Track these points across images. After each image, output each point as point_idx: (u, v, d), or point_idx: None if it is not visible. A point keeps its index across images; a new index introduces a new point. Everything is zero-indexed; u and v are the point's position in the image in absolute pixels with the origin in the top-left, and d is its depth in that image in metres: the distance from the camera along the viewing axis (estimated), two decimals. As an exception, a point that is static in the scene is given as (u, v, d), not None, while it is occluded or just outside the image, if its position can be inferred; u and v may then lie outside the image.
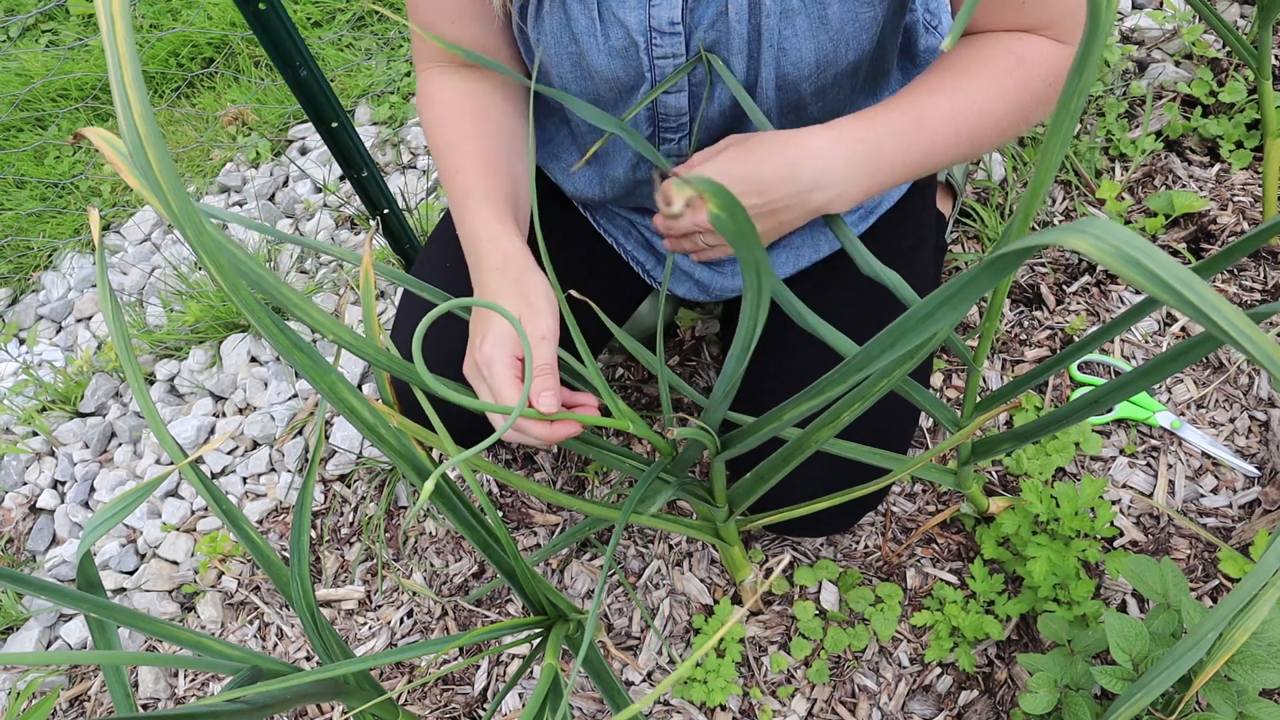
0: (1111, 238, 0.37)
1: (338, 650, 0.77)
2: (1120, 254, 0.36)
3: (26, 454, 1.64)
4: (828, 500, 0.90)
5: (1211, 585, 1.10)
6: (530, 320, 0.77)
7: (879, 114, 0.79)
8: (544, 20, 0.83)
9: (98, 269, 0.67)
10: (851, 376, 0.60)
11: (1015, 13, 0.78)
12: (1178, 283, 0.35)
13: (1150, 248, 0.36)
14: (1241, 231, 1.33)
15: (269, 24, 1.14)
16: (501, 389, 0.75)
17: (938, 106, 0.78)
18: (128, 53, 0.43)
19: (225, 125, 2.08)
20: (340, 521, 1.41)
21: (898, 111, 0.79)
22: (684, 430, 0.76)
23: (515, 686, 1.19)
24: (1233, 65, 1.49)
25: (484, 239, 0.82)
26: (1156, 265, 0.36)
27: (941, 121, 0.78)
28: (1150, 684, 0.56)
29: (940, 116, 0.78)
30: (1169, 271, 0.35)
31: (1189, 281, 0.35)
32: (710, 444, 0.79)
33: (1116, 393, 0.69)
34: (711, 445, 0.79)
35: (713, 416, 0.77)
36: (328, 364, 0.62)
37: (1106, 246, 0.37)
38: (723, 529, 1.00)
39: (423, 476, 0.74)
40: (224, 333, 1.66)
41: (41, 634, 1.41)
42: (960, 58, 0.80)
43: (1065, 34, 0.78)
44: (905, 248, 1.07)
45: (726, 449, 0.80)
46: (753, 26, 0.80)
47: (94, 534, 0.64)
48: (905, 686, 1.11)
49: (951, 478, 0.99)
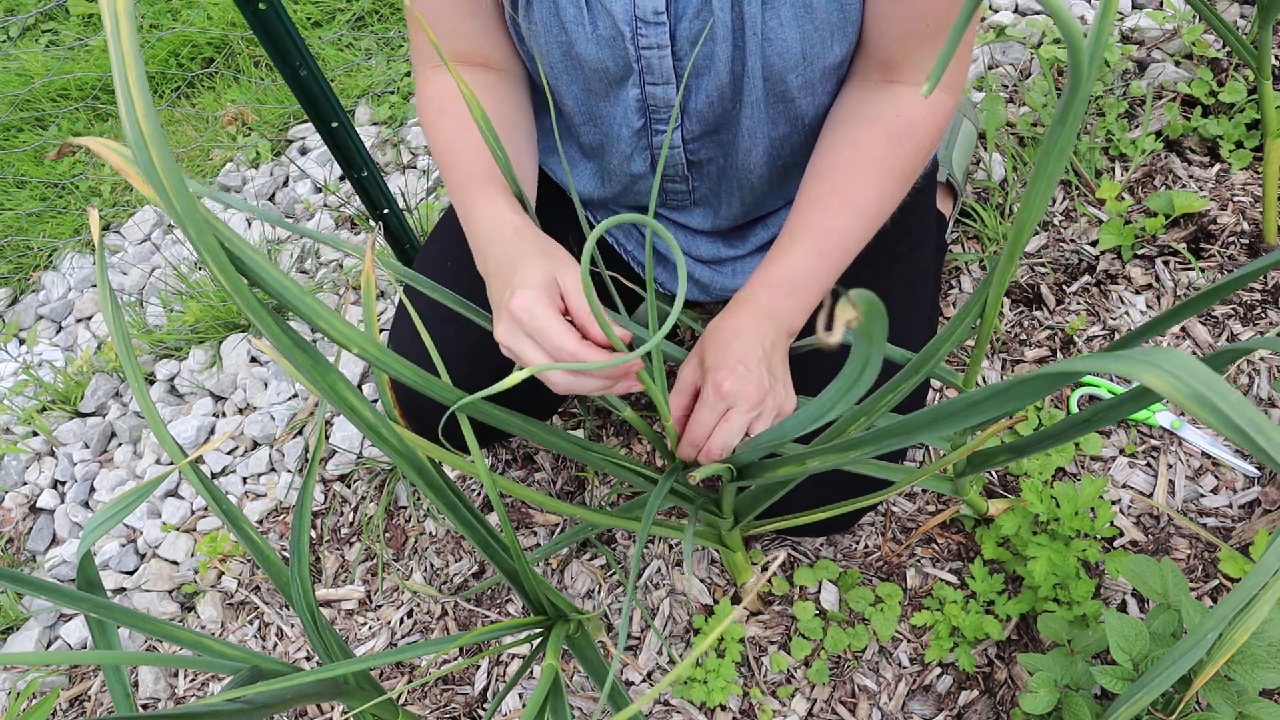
0: (1189, 377, 0.35)
1: (338, 650, 0.77)
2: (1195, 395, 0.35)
3: (26, 454, 1.64)
4: (828, 510, 0.91)
5: (1211, 585, 1.10)
6: (563, 272, 0.73)
7: (789, 249, 0.85)
8: (534, 9, 0.84)
9: (98, 269, 0.67)
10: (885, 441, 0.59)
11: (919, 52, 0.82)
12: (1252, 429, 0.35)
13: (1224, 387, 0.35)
14: (1241, 231, 1.33)
15: (269, 24, 1.14)
16: (555, 334, 0.70)
17: (836, 218, 0.85)
18: (132, 52, 0.43)
19: (225, 125, 2.08)
20: (340, 521, 1.41)
21: (802, 242, 0.85)
22: (704, 470, 0.76)
23: (515, 686, 1.19)
24: (1233, 65, 1.49)
25: (488, 218, 0.81)
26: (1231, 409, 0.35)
27: (844, 230, 0.85)
28: (1150, 684, 0.56)
29: (841, 225, 0.85)
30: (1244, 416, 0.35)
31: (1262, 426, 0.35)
32: (726, 474, 0.79)
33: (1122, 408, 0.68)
34: (726, 475, 0.80)
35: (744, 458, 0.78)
36: (329, 363, 0.62)
37: (1183, 387, 0.35)
38: (727, 536, 1.00)
39: (424, 476, 0.74)
40: (224, 333, 1.66)
41: (41, 634, 1.41)
42: (845, 155, 0.86)
43: (943, 84, 0.85)
44: (905, 248, 1.07)
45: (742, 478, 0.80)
46: (736, 15, 0.80)
47: (94, 534, 0.64)
48: (905, 686, 1.11)
49: (949, 485, 0.99)
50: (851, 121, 0.87)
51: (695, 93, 0.88)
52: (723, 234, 1.09)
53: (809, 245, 0.84)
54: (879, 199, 0.86)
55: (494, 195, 0.83)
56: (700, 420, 0.78)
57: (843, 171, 0.86)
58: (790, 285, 0.84)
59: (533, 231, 0.79)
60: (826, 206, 0.85)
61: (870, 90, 0.86)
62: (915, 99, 0.84)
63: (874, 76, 0.86)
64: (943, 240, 1.34)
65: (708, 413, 0.77)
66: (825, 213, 0.85)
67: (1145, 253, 1.36)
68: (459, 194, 0.86)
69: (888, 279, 1.04)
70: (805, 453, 0.69)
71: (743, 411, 0.76)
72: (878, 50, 0.84)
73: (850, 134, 0.86)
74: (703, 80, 0.86)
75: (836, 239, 0.85)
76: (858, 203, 0.85)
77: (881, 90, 0.85)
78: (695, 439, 0.78)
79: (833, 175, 0.86)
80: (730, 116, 0.90)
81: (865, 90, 0.87)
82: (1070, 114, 0.47)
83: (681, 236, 1.08)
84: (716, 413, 0.77)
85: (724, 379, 0.76)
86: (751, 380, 0.76)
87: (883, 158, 0.85)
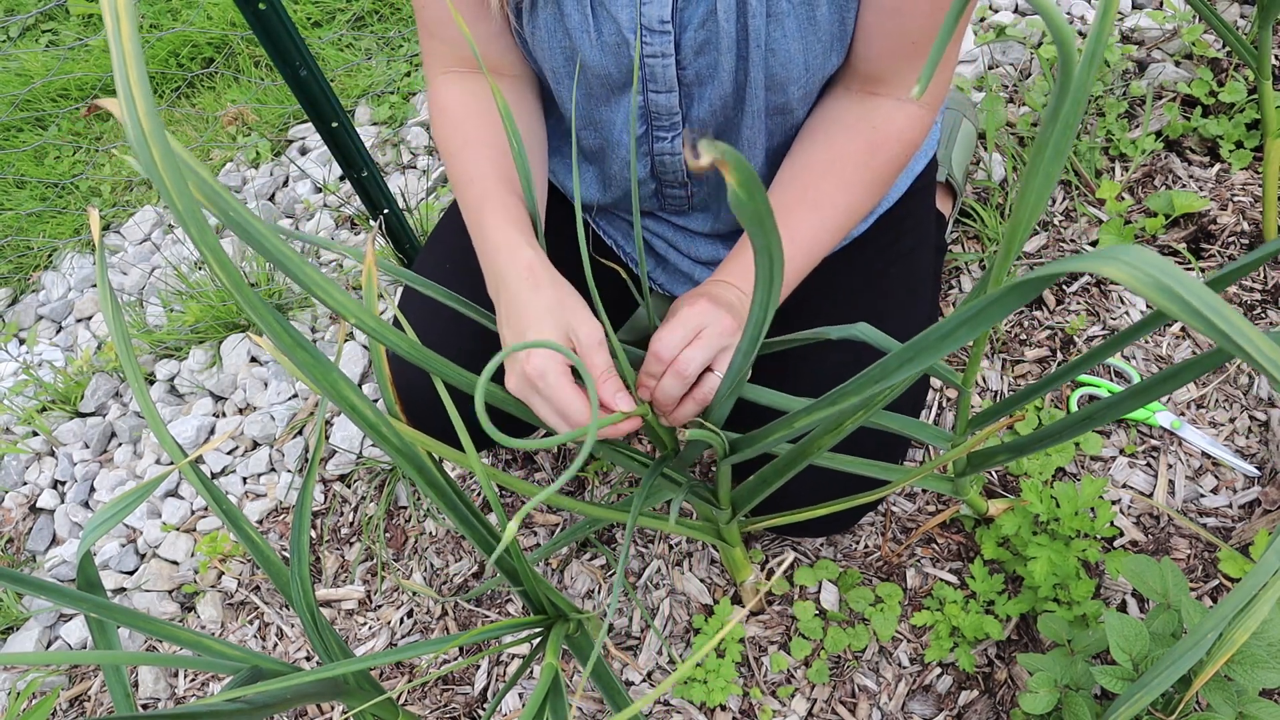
0: (1145, 265, 0.37)
1: (338, 650, 0.77)
2: (1154, 282, 0.36)
3: (26, 454, 1.64)
4: (828, 507, 0.91)
5: (1211, 585, 1.10)
6: (580, 327, 0.75)
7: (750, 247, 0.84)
8: (538, 15, 0.84)
9: (98, 269, 0.67)
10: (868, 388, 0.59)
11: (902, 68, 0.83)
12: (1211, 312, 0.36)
13: (1182, 275, 0.36)
14: (1241, 231, 1.33)
15: (269, 24, 1.14)
16: (567, 401, 0.72)
17: (802, 222, 0.85)
18: (133, 50, 0.43)
19: (225, 125, 2.08)
20: (340, 521, 1.41)
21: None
22: (695, 433, 0.75)
23: (515, 686, 1.19)
24: (1233, 65, 1.49)
25: (504, 250, 0.80)
26: (1190, 294, 0.36)
27: (808, 235, 0.86)
28: (1150, 684, 0.56)
29: (806, 230, 0.85)
30: (1202, 300, 0.35)
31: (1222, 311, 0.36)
32: (719, 445, 0.79)
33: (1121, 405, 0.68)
34: (720, 447, 0.79)
35: (717, 413, 0.77)
36: (329, 362, 0.62)
37: (1140, 274, 0.37)
38: (725, 530, 1.00)
39: (424, 475, 0.74)
40: (224, 333, 1.66)
41: (41, 634, 1.41)
42: (819, 157, 0.87)
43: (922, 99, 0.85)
44: (905, 248, 1.07)
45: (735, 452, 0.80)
46: (741, 26, 0.80)
47: (94, 534, 0.64)
48: (905, 686, 1.11)
49: (949, 485, 0.99)
50: (829, 130, 0.87)
51: (698, 101, 0.88)
52: (722, 236, 1.09)
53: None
54: (847, 206, 0.86)
55: (508, 223, 0.82)
56: (665, 337, 0.75)
57: (815, 177, 0.86)
58: (748, 281, 0.83)
59: (548, 275, 0.78)
60: (795, 210, 0.86)
61: (850, 100, 0.87)
62: (893, 111, 0.85)
63: (855, 87, 0.87)
64: (942, 240, 1.34)
65: (675, 327, 0.75)
66: (791, 215, 0.86)
67: (1145, 253, 1.35)
68: (471, 212, 0.85)
69: (888, 279, 1.04)
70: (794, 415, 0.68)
71: (713, 334, 0.75)
72: (862, 64, 0.84)
73: (826, 141, 0.87)
74: (706, 89, 0.86)
75: (801, 242, 0.85)
76: (825, 209, 0.86)
77: (861, 101, 0.86)
78: (660, 353, 0.75)
79: (804, 179, 0.87)
80: (731, 125, 0.90)
81: (846, 100, 0.87)
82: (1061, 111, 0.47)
83: (681, 238, 1.09)
84: (686, 328, 0.75)
85: (696, 301, 0.76)
86: (722, 311, 0.76)
87: (856, 168, 0.86)
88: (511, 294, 0.78)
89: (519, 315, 0.77)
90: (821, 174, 0.86)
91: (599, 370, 0.73)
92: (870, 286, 1.03)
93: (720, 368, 0.77)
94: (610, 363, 0.74)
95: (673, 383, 0.75)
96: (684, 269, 1.11)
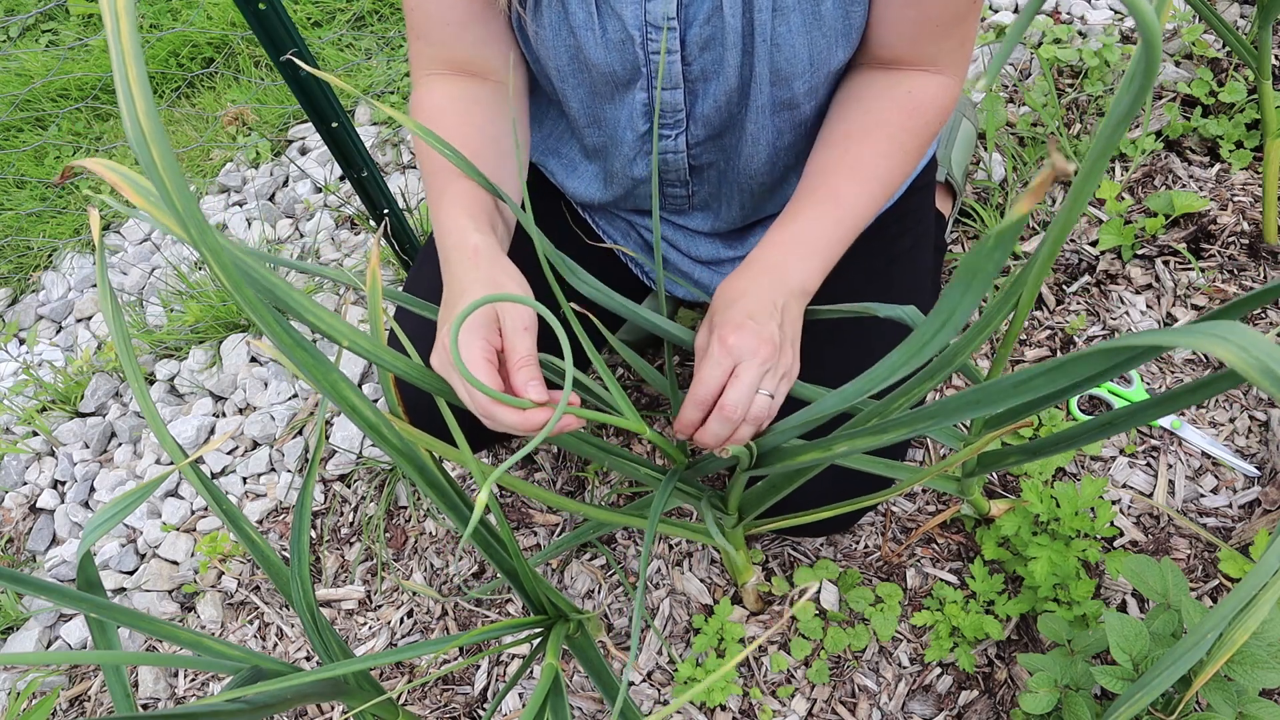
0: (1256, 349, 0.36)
1: (338, 650, 0.77)
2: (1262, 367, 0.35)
3: (26, 454, 1.64)
4: (833, 509, 0.90)
5: (1211, 585, 1.10)
6: (507, 311, 0.74)
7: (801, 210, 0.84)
8: (542, 13, 0.83)
9: (98, 269, 0.67)
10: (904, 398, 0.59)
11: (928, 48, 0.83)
12: None
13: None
14: (1241, 232, 1.33)
15: (269, 24, 1.13)
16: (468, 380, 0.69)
17: (847, 183, 0.84)
18: (132, 50, 0.43)
19: (225, 125, 2.08)
20: (340, 521, 1.41)
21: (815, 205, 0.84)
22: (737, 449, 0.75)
23: (515, 686, 1.19)
24: (1233, 65, 1.49)
25: (453, 234, 0.80)
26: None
27: (854, 197, 0.84)
28: (1150, 684, 0.56)
29: (852, 191, 0.84)
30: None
31: None
32: (745, 459, 0.78)
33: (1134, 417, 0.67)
34: (746, 460, 0.78)
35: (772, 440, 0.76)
36: (330, 362, 0.62)
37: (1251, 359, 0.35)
38: (729, 534, 1.00)
39: (424, 475, 0.74)
40: (224, 333, 1.66)
41: (41, 634, 1.41)
42: (858, 123, 0.86)
43: (951, 70, 0.85)
44: (905, 248, 1.07)
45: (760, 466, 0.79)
46: (746, 21, 0.80)
47: (94, 534, 0.64)
48: (905, 686, 1.11)
49: (955, 485, 0.99)
50: (865, 95, 0.86)
51: (703, 97, 0.88)
52: (722, 235, 1.09)
53: (822, 208, 0.84)
54: (888, 169, 0.85)
55: (462, 212, 0.81)
56: (704, 378, 0.75)
57: (855, 139, 0.85)
58: (802, 244, 0.83)
59: (490, 257, 0.78)
60: (839, 171, 0.85)
61: (879, 72, 0.87)
62: (924, 80, 0.84)
63: (878, 68, 0.87)
64: (942, 240, 1.34)
65: (712, 368, 0.75)
66: (837, 176, 0.84)
67: (1145, 253, 1.36)
68: (433, 207, 0.86)
69: (888, 278, 1.04)
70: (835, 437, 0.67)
71: (752, 367, 0.74)
72: (885, 50, 0.84)
73: (864, 105, 0.86)
74: (711, 85, 0.86)
75: (848, 205, 0.84)
76: (868, 169, 0.84)
77: (890, 73, 0.86)
78: (699, 397, 0.75)
79: (845, 142, 0.86)
80: (736, 121, 0.90)
81: (873, 73, 0.87)
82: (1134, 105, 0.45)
83: (681, 237, 1.09)
84: (723, 368, 0.74)
85: (729, 333, 0.75)
86: (761, 335, 0.75)
87: (895, 128, 0.84)
88: (453, 274, 0.79)
89: (456, 289, 0.77)
90: (861, 136, 0.85)
91: (518, 356, 0.72)
92: (870, 286, 1.03)
93: (767, 388, 0.76)
94: (532, 350, 0.72)
95: (721, 427, 0.75)
96: (683, 268, 1.11)
